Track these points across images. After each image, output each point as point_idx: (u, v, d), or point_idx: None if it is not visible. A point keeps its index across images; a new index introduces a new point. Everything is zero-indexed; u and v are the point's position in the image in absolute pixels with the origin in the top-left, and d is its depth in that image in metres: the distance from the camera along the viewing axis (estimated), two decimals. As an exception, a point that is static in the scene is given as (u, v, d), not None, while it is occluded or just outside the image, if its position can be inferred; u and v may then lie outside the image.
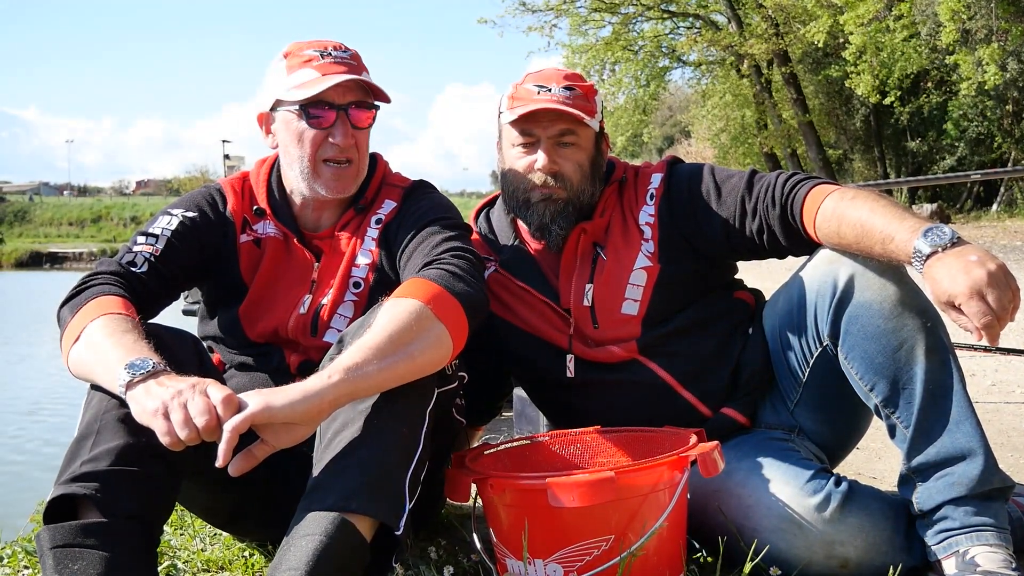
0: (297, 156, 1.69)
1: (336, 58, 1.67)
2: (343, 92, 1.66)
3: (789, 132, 21.08)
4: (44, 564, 1.24)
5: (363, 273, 1.72)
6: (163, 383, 1.26)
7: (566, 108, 1.74)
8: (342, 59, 1.68)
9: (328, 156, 1.67)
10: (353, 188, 1.73)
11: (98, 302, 1.46)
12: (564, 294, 1.83)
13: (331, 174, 1.69)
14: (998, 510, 1.49)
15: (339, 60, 1.67)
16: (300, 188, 1.73)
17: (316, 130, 1.66)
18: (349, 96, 1.67)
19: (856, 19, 15.47)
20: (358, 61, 1.71)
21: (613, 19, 21.56)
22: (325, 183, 1.69)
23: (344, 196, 1.73)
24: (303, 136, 1.67)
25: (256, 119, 1.76)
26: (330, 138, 1.66)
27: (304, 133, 1.67)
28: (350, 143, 1.67)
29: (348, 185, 1.71)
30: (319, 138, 1.67)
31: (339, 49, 1.69)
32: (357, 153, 1.70)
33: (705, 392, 1.76)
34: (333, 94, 1.65)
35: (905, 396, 1.51)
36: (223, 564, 1.78)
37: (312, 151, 1.67)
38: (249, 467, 1.27)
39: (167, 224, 1.69)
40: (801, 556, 1.53)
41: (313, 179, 1.69)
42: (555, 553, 1.42)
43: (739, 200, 1.74)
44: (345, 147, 1.67)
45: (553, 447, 1.77)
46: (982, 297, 1.32)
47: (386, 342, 1.34)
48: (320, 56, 1.67)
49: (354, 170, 1.71)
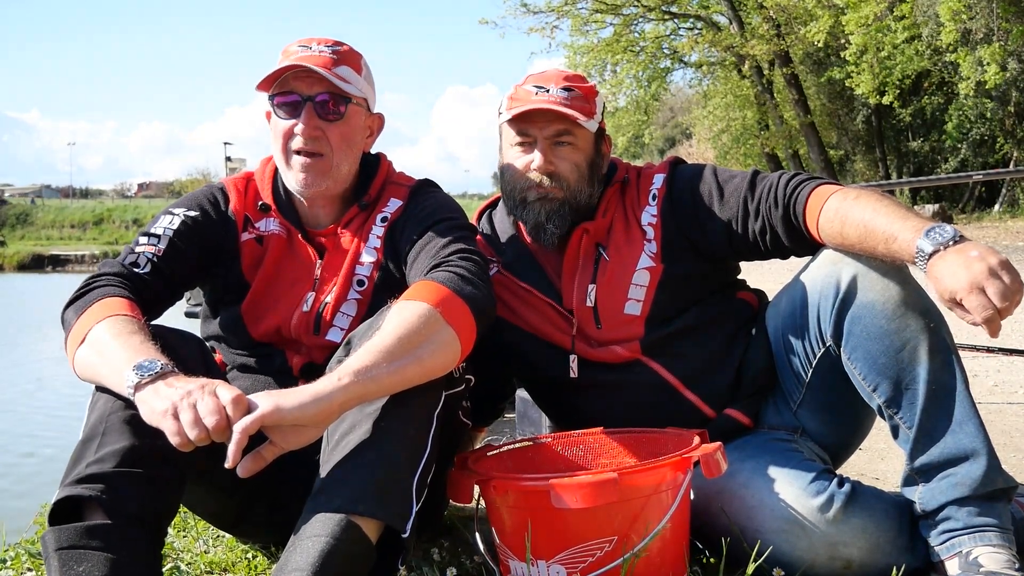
0: (275, 149, 1.71)
1: (314, 51, 1.66)
2: (311, 84, 1.65)
3: (790, 133, 21.08)
4: (49, 565, 1.24)
5: (367, 271, 1.72)
6: (172, 384, 1.26)
7: (562, 109, 1.74)
8: (321, 52, 1.66)
9: (296, 148, 1.66)
10: (324, 182, 1.68)
11: (103, 304, 1.46)
12: (567, 295, 1.83)
13: (299, 165, 1.66)
14: (1001, 511, 1.49)
15: (317, 53, 1.66)
16: (287, 183, 1.73)
17: (283, 121, 1.66)
18: (317, 87, 1.65)
19: (858, 20, 15.47)
20: (341, 56, 1.68)
21: (614, 20, 21.57)
22: (295, 175, 1.67)
23: (316, 190, 1.68)
24: (276, 128, 1.68)
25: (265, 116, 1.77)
26: (295, 128, 1.65)
27: (277, 125, 1.68)
28: (315, 134, 1.65)
29: (318, 178, 1.67)
30: (288, 130, 1.66)
31: (325, 44, 1.68)
32: (329, 147, 1.67)
33: (708, 393, 1.76)
34: (301, 85, 1.64)
35: (908, 397, 1.51)
36: (226, 566, 1.78)
37: (283, 143, 1.67)
38: (258, 468, 1.27)
39: (169, 224, 1.69)
40: (804, 557, 1.52)
41: (287, 171, 1.69)
42: (558, 554, 1.42)
43: (742, 200, 1.74)
44: (308, 137, 1.64)
45: (556, 448, 1.77)
46: (983, 291, 1.32)
47: (395, 345, 1.33)
48: (300, 50, 1.67)
49: (325, 164, 1.67)
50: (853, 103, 21.32)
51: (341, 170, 1.70)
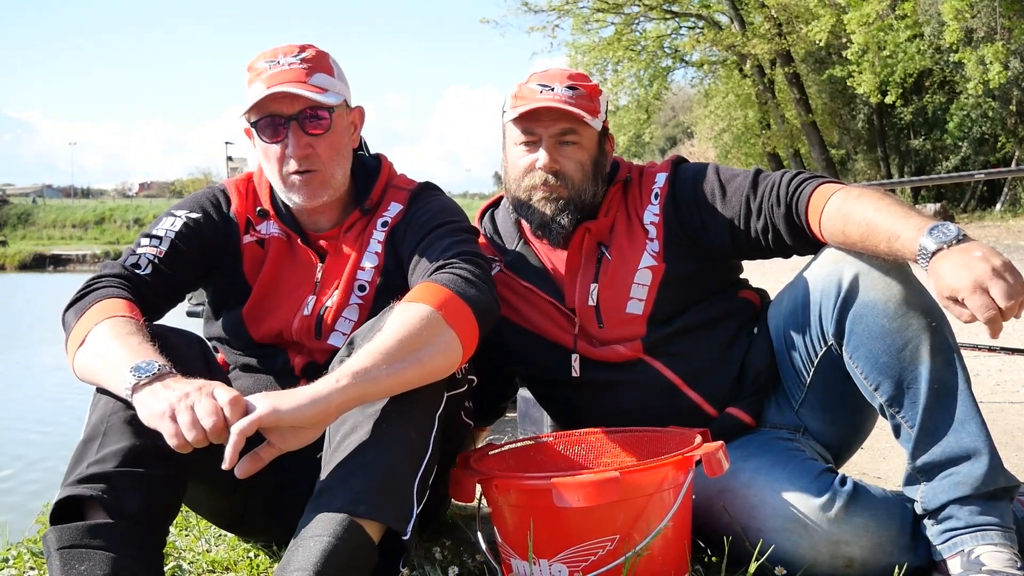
0: (269, 172, 1.69)
1: (284, 66, 1.62)
2: (291, 102, 1.61)
3: (792, 132, 21.08)
4: (51, 565, 1.24)
5: (368, 276, 1.71)
6: (169, 385, 1.26)
7: (568, 107, 1.74)
8: (290, 65, 1.62)
9: (291, 170, 1.64)
10: (324, 194, 1.67)
11: (103, 305, 1.46)
12: (569, 294, 1.83)
13: (299, 183, 1.65)
14: (1003, 510, 1.49)
15: (287, 67, 1.62)
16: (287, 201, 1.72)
17: (271, 145, 1.64)
18: (298, 104, 1.62)
19: (859, 18, 15.46)
20: (312, 63, 1.64)
21: (616, 19, 21.58)
22: (298, 194, 1.66)
23: (320, 202, 1.68)
24: (267, 152, 1.66)
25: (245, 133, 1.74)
26: (287, 151, 1.63)
27: (267, 150, 1.65)
28: (305, 152, 1.63)
29: (318, 191, 1.66)
30: (280, 153, 1.64)
31: (291, 54, 1.64)
32: (321, 162, 1.65)
33: (710, 392, 1.76)
34: (281, 106, 1.61)
35: (910, 396, 1.51)
36: (228, 565, 1.79)
37: (278, 167, 1.65)
38: (255, 469, 1.27)
39: (171, 225, 1.68)
40: (806, 556, 1.52)
41: (288, 192, 1.68)
42: (560, 553, 1.42)
43: (744, 199, 1.74)
44: (300, 158, 1.63)
45: (557, 447, 1.77)
46: (985, 291, 1.31)
47: (396, 347, 1.33)
48: (268, 67, 1.63)
49: (321, 177, 1.66)
50: (854, 102, 21.31)
51: (336, 179, 1.69)
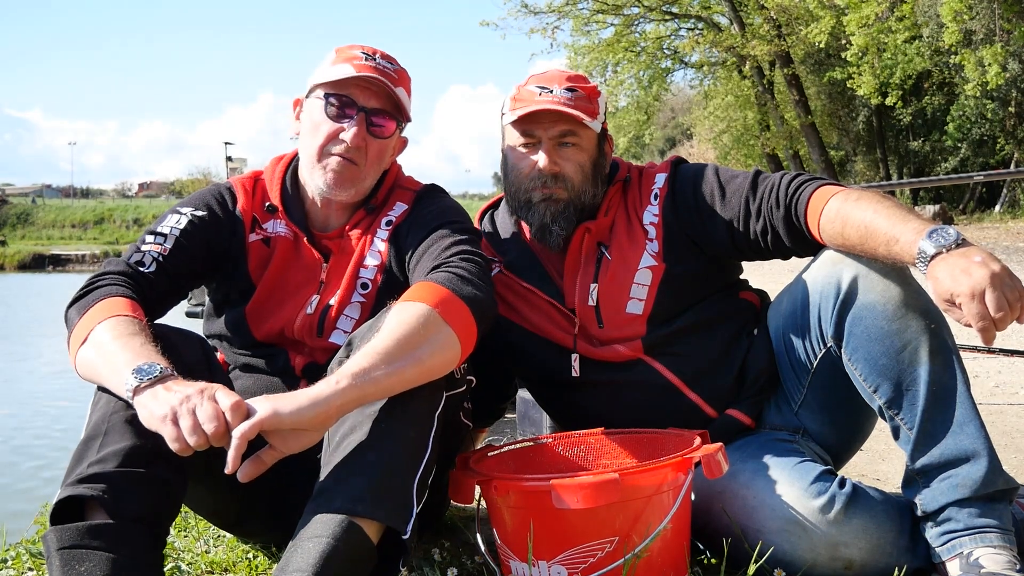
0: (308, 143, 1.70)
1: (377, 65, 1.68)
2: (368, 96, 1.67)
3: (791, 133, 21.10)
4: (51, 565, 1.24)
5: (371, 274, 1.72)
6: (171, 388, 1.26)
7: (567, 109, 1.74)
8: (382, 67, 1.68)
9: (336, 151, 1.67)
10: (351, 190, 1.70)
11: (105, 303, 1.46)
12: (569, 294, 1.83)
13: (333, 165, 1.67)
14: (1002, 512, 1.49)
15: (378, 67, 1.68)
16: (308, 181, 1.73)
17: (332, 122, 1.67)
18: (374, 102, 1.67)
19: (859, 20, 15.47)
20: (400, 76, 1.71)
21: (615, 20, 21.58)
22: (325, 175, 1.67)
23: (340, 197, 1.70)
24: (320, 126, 1.68)
25: (292, 104, 1.78)
26: (342, 134, 1.66)
27: (322, 124, 1.68)
28: (360, 144, 1.66)
29: (347, 183, 1.68)
30: (333, 131, 1.67)
31: (385, 59, 1.70)
32: (365, 159, 1.68)
33: (710, 393, 1.76)
34: (359, 94, 1.66)
35: (909, 398, 1.51)
36: (227, 566, 1.78)
37: (323, 141, 1.67)
38: (258, 473, 1.27)
39: (176, 223, 1.68)
40: (805, 557, 1.52)
41: (316, 168, 1.69)
42: (559, 555, 1.42)
43: (743, 200, 1.74)
44: (353, 146, 1.66)
45: (557, 448, 1.77)
46: (983, 298, 1.32)
47: (394, 346, 1.33)
48: (364, 58, 1.68)
49: (358, 173, 1.69)
50: (854, 103, 21.33)
51: (366, 182, 1.73)
